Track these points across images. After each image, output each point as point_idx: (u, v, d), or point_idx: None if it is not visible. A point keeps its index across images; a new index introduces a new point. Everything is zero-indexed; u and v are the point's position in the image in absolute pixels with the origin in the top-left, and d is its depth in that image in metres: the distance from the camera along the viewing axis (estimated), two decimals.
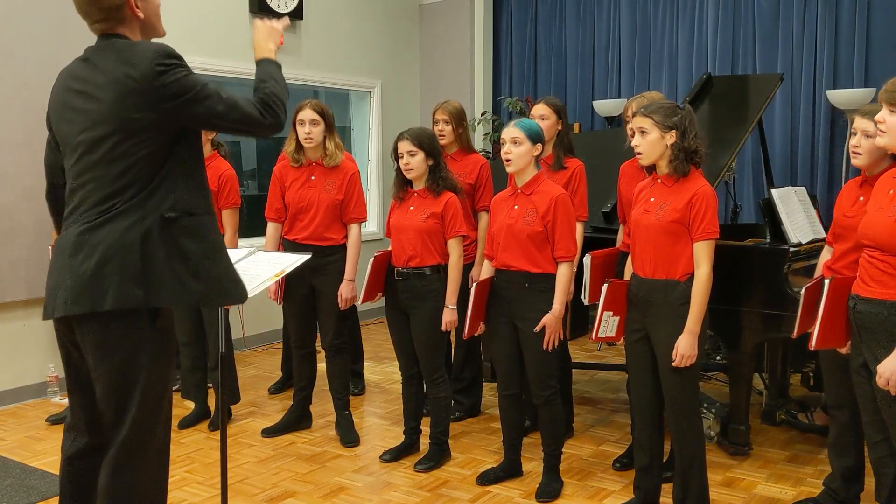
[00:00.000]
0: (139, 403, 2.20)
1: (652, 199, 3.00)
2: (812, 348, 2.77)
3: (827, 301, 2.68)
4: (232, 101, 2.23)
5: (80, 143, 2.19)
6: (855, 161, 2.91)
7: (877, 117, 2.58)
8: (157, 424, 2.26)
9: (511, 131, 3.28)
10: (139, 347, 2.18)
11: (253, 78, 2.55)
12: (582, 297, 3.53)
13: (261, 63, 2.49)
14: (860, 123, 2.87)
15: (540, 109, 3.86)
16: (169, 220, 2.17)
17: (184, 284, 2.17)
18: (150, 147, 2.15)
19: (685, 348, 2.89)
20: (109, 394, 2.21)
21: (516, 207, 3.31)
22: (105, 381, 2.20)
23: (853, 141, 2.91)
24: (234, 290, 2.31)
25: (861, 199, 2.89)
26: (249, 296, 2.53)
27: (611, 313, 3.08)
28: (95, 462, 2.35)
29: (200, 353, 4.31)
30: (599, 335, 3.10)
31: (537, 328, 3.26)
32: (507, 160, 3.28)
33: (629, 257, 3.17)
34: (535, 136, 3.28)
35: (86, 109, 2.18)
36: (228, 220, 4.21)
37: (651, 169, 3.07)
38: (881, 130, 2.55)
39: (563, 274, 3.29)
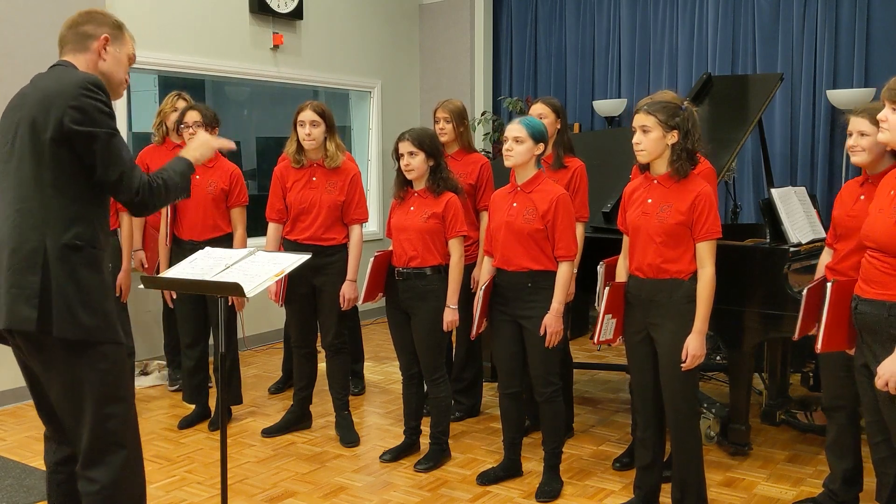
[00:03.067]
0: (94, 406, 2.23)
1: (649, 201, 3.00)
2: (818, 351, 2.77)
3: (830, 304, 2.68)
4: (122, 162, 2.21)
5: (7, 149, 2.24)
6: (854, 159, 2.91)
7: (879, 116, 2.59)
8: (115, 413, 2.26)
9: (514, 129, 3.27)
10: (75, 365, 2.20)
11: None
12: (596, 304, 3.51)
13: (178, 157, 2.48)
14: (855, 124, 2.87)
15: (538, 109, 3.85)
16: (73, 247, 2.19)
17: (74, 315, 2.17)
18: (58, 164, 2.17)
19: (695, 348, 2.90)
20: (61, 402, 2.25)
21: (515, 205, 3.31)
22: (54, 391, 2.25)
23: (850, 141, 2.90)
24: (117, 329, 2.29)
25: (862, 197, 2.89)
26: (249, 296, 2.53)
27: (610, 315, 3.08)
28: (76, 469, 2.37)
29: (203, 354, 4.32)
30: (600, 338, 3.10)
31: (541, 331, 3.26)
32: (508, 156, 3.28)
33: (621, 259, 3.17)
34: (539, 136, 3.28)
35: (14, 120, 2.24)
36: (238, 218, 4.23)
37: (645, 167, 3.07)
38: (884, 128, 2.56)
39: (564, 273, 3.29)
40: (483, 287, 3.39)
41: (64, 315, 2.15)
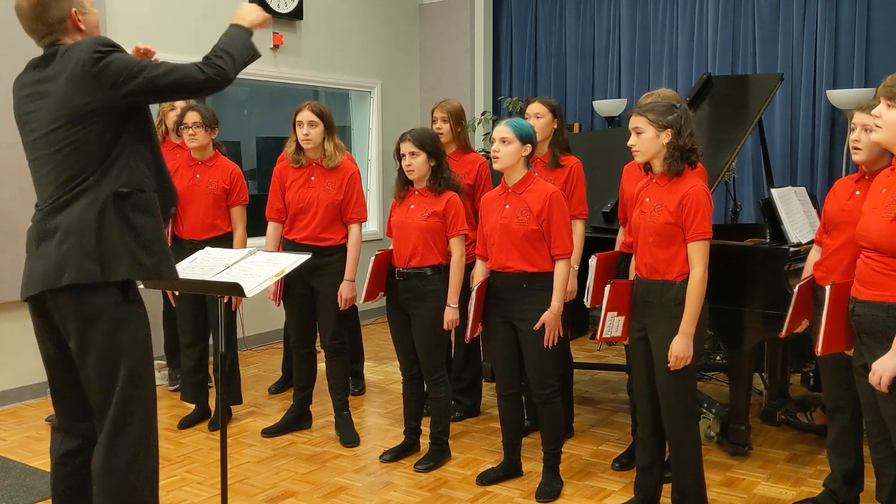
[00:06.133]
0: (124, 380, 2.28)
1: (647, 200, 3.01)
2: (818, 354, 2.76)
3: (829, 306, 2.67)
4: (170, 66, 2.31)
5: (36, 139, 2.31)
6: (855, 157, 2.91)
7: (874, 111, 2.57)
8: (142, 394, 2.33)
9: (501, 130, 3.28)
10: (118, 324, 2.27)
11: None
12: (584, 299, 3.52)
13: (230, 27, 2.51)
14: (859, 118, 2.87)
15: (535, 108, 3.84)
16: (122, 195, 2.27)
17: (136, 258, 2.27)
18: (99, 131, 2.25)
19: (679, 350, 2.89)
20: (95, 375, 2.28)
21: (507, 207, 3.31)
22: (90, 362, 2.28)
23: (853, 136, 2.90)
24: (172, 266, 2.40)
25: (857, 193, 2.90)
26: (249, 296, 2.53)
27: (615, 314, 3.08)
28: (87, 460, 2.39)
29: (203, 354, 4.32)
30: (604, 335, 3.10)
31: (537, 326, 3.26)
32: (496, 158, 3.28)
33: (633, 257, 3.17)
34: (525, 137, 3.27)
35: (37, 109, 2.31)
36: (238, 216, 4.24)
37: (649, 168, 3.07)
38: (877, 125, 2.54)
39: (561, 271, 3.29)
40: (475, 289, 3.39)
41: (125, 260, 2.24)
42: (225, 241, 4.13)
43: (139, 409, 2.32)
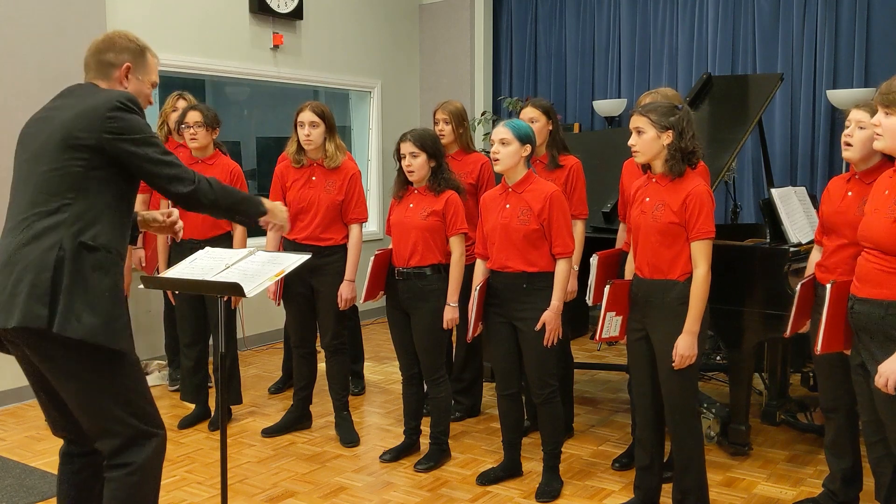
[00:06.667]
0: (120, 416, 2.25)
1: (647, 200, 3.00)
2: (818, 353, 2.76)
3: (830, 304, 2.67)
4: (172, 159, 2.31)
5: (26, 160, 2.28)
6: (846, 154, 2.92)
7: (872, 120, 2.58)
8: (142, 409, 2.31)
9: (499, 131, 3.28)
10: (92, 372, 2.21)
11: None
12: (587, 297, 3.53)
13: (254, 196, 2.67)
14: (855, 114, 2.88)
15: (528, 112, 3.83)
16: (86, 247, 2.19)
17: (77, 315, 2.15)
18: (85, 165, 2.21)
19: (684, 349, 2.89)
20: (84, 419, 2.27)
21: (508, 206, 3.31)
22: (74, 405, 2.26)
23: (846, 132, 2.91)
24: (123, 337, 2.26)
25: (850, 193, 2.90)
26: (249, 296, 2.53)
27: (613, 313, 3.08)
28: (92, 461, 2.38)
29: (202, 353, 4.32)
30: (603, 335, 3.10)
31: (538, 326, 3.26)
32: (496, 160, 3.28)
33: (629, 257, 3.17)
34: (524, 137, 3.27)
35: (38, 131, 2.29)
36: None
37: (648, 167, 3.07)
38: (877, 133, 2.55)
39: (562, 270, 3.29)
40: (477, 288, 3.39)
41: (65, 314, 2.13)
42: (225, 240, 4.12)
43: (141, 429, 2.29)
